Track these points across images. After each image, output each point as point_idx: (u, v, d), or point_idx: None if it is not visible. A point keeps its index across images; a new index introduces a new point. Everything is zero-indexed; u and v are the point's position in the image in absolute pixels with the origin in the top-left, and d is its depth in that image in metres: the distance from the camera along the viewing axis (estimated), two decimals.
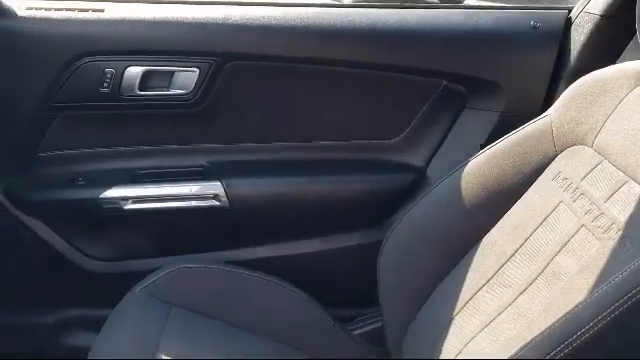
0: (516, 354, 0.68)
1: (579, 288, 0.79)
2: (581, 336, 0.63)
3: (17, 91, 1.16)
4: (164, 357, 0.97)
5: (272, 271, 1.17)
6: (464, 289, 0.97)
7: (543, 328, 0.70)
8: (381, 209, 1.26)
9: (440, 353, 0.93)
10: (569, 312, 0.66)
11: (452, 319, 0.96)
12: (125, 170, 1.23)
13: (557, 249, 0.86)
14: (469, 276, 0.98)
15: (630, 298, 0.62)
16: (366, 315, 1.28)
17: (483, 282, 0.95)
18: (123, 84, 1.16)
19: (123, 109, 1.19)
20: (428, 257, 1.05)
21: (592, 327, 0.63)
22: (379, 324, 1.19)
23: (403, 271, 1.09)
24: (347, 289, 1.27)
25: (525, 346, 0.68)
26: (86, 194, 1.20)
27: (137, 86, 1.17)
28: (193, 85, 1.17)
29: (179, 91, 1.19)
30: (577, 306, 0.66)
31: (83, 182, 1.21)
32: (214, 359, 1.00)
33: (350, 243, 1.29)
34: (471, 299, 0.95)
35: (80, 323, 1.29)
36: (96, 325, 1.07)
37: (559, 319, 0.66)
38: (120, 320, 1.06)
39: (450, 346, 0.93)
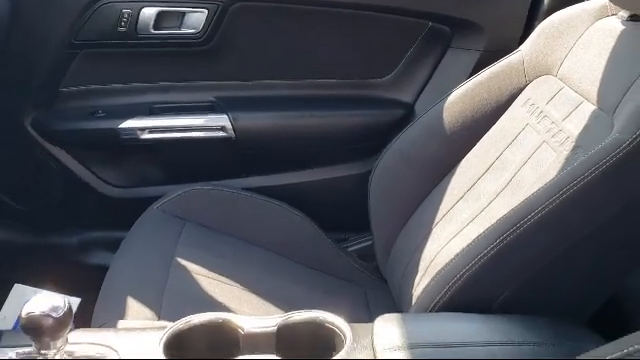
0: (474, 239, 0.81)
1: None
2: (525, 223, 0.77)
3: (43, 32, 1.28)
4: (179, 261, 1.11)
5: (274, 197, 1.31)
6: (442, 204, 1.10)
7: None
8: (373, 141, 1.38)
9: (419, 258, 1.07)
10: (517, 206, 0.80)
11: (431, 230, 1.09)
12: (141, 104, 1.35)
13: (522, 163, 0.99)
14: (447, 193, 1.11)
15: (564, 192, 0.75)
16: (358, 236, 1.42)
17: (459, 196, 1.08)
18: (139, 24, 1.28)
19: (139, 47, 1.31)
20: (413, 179, 1.18)
21: (533, 217, 0.76)
22: (369, 243, 1.32)
23: (390, 192, 1.22)
24: (342, 214, 1.39)
25: (482, 233, 0.81)
26: (105, 125, 1.33)
27: (151, 26, 1.28)
28: (202, 25, 1.29)
29: (189, 30, 1.30)
30: (523, 201, 0.80)
31: (103, 114, 1.34)
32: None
33: (345, 173, 1.41)
34: (448, 212, 1.09)
35: (100, 244, 1.43)
36: (114, 246, 1.20)
37: (509, 211, 0.80)
38: (139, 233, 1.19)
39: (428, 251, 1.06)
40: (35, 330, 0.61)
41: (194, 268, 1.10)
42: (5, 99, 1.30)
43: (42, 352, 0.63)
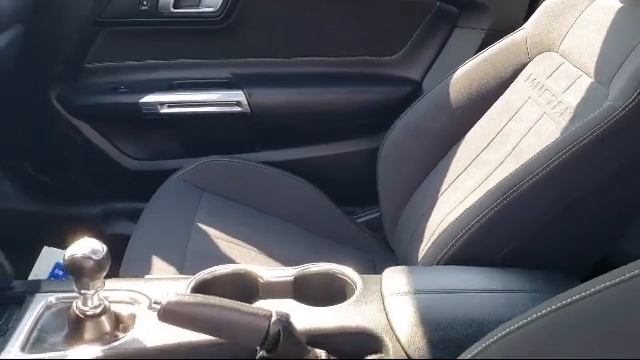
0: (477, 200, 0.88)
1: None
2: (524, 184, 0.83)
3: (68, 11, 1.34)
4: (199, 226, 1.18)
5: (287, 171, 1.37)
6: (448, 174, 1.16)
7: None
8: (382, 118, 1.43)
9: (425, 226, 1.13)
10: (516, 169, 0.86)
11: (437, 199, 1.15)
12: (161, 80, 1.42)
13: (523, 134, 1.04)
14: (453, 164, 1.17)
15: (561, 156, 0.81)
16: (367, 209, 1.48)
17: (464, 167, 1.14)
18: (159, 3, 1.34)
19: (159, 25, 1.37)
20: (420, 152, 1.24)
21: (531, 178, 0.82)
22: (377, 214, 1.38)
23: (398, 165, 1.28)
24: (351, 188, 1.45)
25: (485, 194, 0.87)
26: (127, 100, 1.40)
27: (171, 4, 1.35)
28: (219, 4, 1.35)
29: (207, 9, 1.37)
30: (522, 164, 0.85)
31: (124, 90, 1.40)
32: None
33: (355, 148, 1.47)
34: (453, 182, 1.14)
35: (122, 214, 1.50)
36: (135, 217, 1.27)
37: (510, 174, 0.86)
38: (160, 201, 1.26)
39: (433, 219, 1.12)
40: (77, 271, 0.68)
41: (213, 233, 1.16)
42: (32, 75, 1.36)
43: (82, 292, 0.70)
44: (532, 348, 0.56)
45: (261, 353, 0.64)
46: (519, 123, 1.07)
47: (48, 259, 1.22)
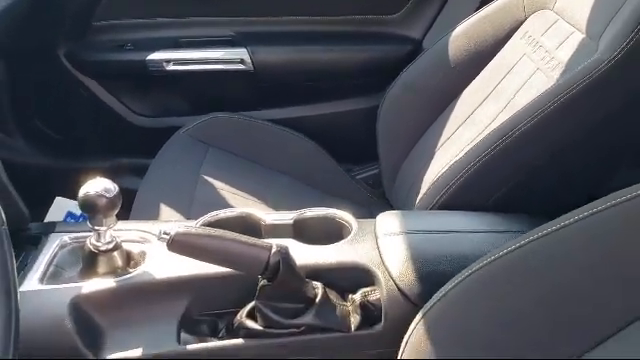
0: (468, 150, 0.92)
1: None
2: (514, 133, 0.87)
3: None
4: (205, 178, 1.23)
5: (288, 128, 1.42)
6: (445, 130, 1.20)
7: None
8: (382, 76, 1.46)
9: (422, 179, 1.17)
10: (506, 120, 0.90)
11: (434, 154, 1.19)
12: (166, 38, 1.45)
13: (517, 89, 1.08)
14: (450, 120, 1.20)
15: (550, 106, 0.85)
16: (366, 166, 1.52)
17: (460, 122, 1.18)
18: None
19: None
20: (419, 108, 1.27)
21: (520, 127, 0.86)
22: (376, 171, 1.43)
23: (397, 121, 1.32)
24: (351, 145, 1.49)
25: (477, 143, 0.92)
26: (134, 57, 1.43)
27: None
28: None
29: None
30: (513, 115, 0.89)
31: (131, 47, 1.44)
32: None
33: (355, 107, 1.50)
34: (450, 137, 1.18)
35: (129, 170, 1.55)
36: (142, 172, 1.32)
37: (501, 123, 0.90)
38: (167, 154, 1.31)
39: (430, 173, 1.16)
40: (91, 208, 0.73)
41: (218, 184, 1.21)
42: (41, 32, 1.39)
43: (95, 228, 0.75)
44: (507, 275, 0.61)
45: (262, 282, 0.69)
46: (513, 79, 1.10)
47: (60, 208, 1.27)
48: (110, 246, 0.76)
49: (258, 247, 0.67)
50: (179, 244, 0.66)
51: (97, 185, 0.74)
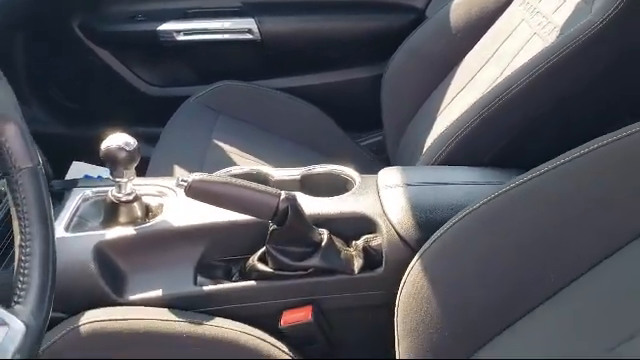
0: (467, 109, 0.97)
1: None
2: (509, 93, 0.91)
3: None
4: (215, 142, 1.28)
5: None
6: (447, 95, 1.24)
7: None
8: (386, 45, 1.50)
9: (424, 143, 1.22)
10: (503, 79, 0.94)
11: (436, 118, 1.24)
12: (176, 9, 1.49)
13: (514, 54, 1.12)
14: (451, 85, 1.25)
15: (543, 66, 0.89)
16: (370, 133, 1.57)
17: (461, 87, 1.22)
18: None
19: None
20: (422, 75, 1.31)
21: (515, 88, 0.91)
22: (380, 138, 1.47)
23: (401, 87, 1.36)
24: (356, 113, 1.53)
25: (474, 102, 0.96)
26: (145, 27, 1.48)
27: None
28: None
29: None
30: (508, 75, 0.94)
31: (143, 18, 1.48)
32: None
33: (360, 75, 1.55)
34: (451, 101, 1.23)
35: (143, 138, 1.59)
36: (154, 140, 1.37)
37: (496, 84, 0.94)
38: (178, 121, 1.36)
39: (431, 136, 1.20)
40: (112, 160, 0.78)
41: (228, 149, 1.26)
42: (55, 3, 1.45)
43: (116, 180, 0.80)
44: (495, 216, 0.67)
45: (272, 227, 0.74)
46: (512, 44, 1.14)
47: (77, 171, 1.33)
48: (130, 197, 0.82)
49: (268, 194, 0.72)
50: (196, 190, 0.71)
51: (118, 139, 0.79)
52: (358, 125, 1.56)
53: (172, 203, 0.85)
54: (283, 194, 0.72)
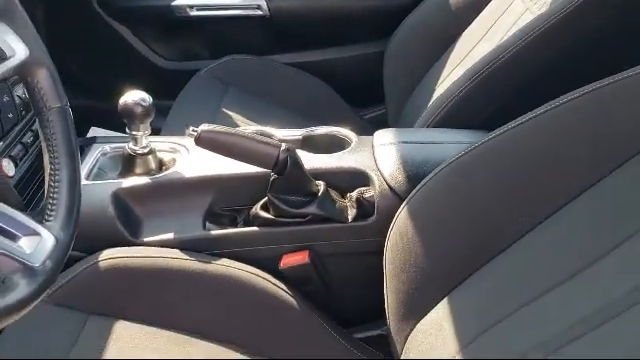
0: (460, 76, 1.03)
1: None
2: (497, 61, 0.97)
3: None
4: (225, 111, 1.35)
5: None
6: (445, 69, 1.30)
7: None
8: (389, 22, 1.55)
9: (422, 114, 1.28)
10: (493, 49, 1.00)
11: (435, 90, 1.30)
12: None
13: (507, 30, 1.18)
14: (449, 60, 1.31)
15: (530, 36, 0.95)
16: (373, 107, 1.63)
17: (458, 62, 1.28)
18: None
19: None
20: (422, 50, 1.38)
21: (503, 56, 0.97)
22: (383, 111, 1.54)
23: (402, 62, 1.43)
24: (360, 88, 1.59)
25: (466, 70, 1.03)
26: (160, 3, 1.55)
27: None
28: None
29: None
30: (498, 45, 1.00)
31: None
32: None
33: (364, 51, 1.61)
34: (448, 75, 1.29)
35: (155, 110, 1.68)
36: (167, 112, 1.45)
37: (486, 54, 1.01)
38: (189, 92, 1.43)
39: (430, 107, 1.27)
40: (129, 114, 0.86)
41: (236, 118, 1.34)
42: None
43: (133, 134, 0.88)
44: (474, 165, 0.74)
45: (273, 177, 0.82)
46: (505, 20, 1.20)
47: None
48: (145, 150, 0.89)
49: (270, 145, 0.79)
50: (204, 139, 0.79)
51: (134, 95, 0.87)
52: (361, 99, 1.62)
53: (183, 158, 0.93)
54: (283, 145, 0.79)
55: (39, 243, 0.52)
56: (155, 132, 1.35)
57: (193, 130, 0.79)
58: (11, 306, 0.45)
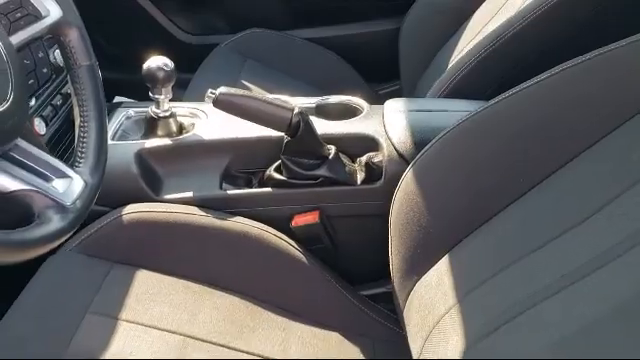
0: (468, 50, 1.06)
1: None
2: (504, 37, 1.00)
3: None
4: (243, 82, 1.40)
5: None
6: (458, 45, 1.33)
7: None
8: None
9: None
10: (500, 24, 1.03)
11: (447, 66, 1.33)
12: None
13: (520, 5, 1.20)
14: (462, 38, 1.33)
15: (534, 13, 0.97)
16: (388, 83, 1.66)
17: (471, 38, 1.31)
18: None
19: None
20: (437, 27, 1.41)
21: (516, 27, 1.00)
22: (398, 87, 1.57)
23: (417, 39, 1.46)
24: (376, 63, 1.62)
25: (474, 45, 1.06)
26: None
27: None
28: None
29: None
30: (504, 21, 1.03)
31: None
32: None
33: (381, 28, 1.64)
34: (460, 52, 1.32)
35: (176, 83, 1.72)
36: (187, 85, 1.49)
37: (493, 30, 1.04)
38: (210, 63, 1.48)
39: (440, 82, 1.31)
40: (152, 78, 0.91)
41: (255, 89, 1.38)
42: None
43: (155, 97, 0.93)
44: (475, 130, 0.77)
45: (287, 139, 0.86)
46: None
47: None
48: (167, 114, 0.94)
49: (283, 108, 0.84)
50: (222, 101, 0.83)
51: (157, 61, 0.92)
52: (377, 75, 1.66)
53: (202, 122, 0.98)
54: (296, 108, 0.84)
55: (70, 185, 0.58)
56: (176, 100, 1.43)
57: (211, 92, 0.84)
58: (47, 236, 0.51)
